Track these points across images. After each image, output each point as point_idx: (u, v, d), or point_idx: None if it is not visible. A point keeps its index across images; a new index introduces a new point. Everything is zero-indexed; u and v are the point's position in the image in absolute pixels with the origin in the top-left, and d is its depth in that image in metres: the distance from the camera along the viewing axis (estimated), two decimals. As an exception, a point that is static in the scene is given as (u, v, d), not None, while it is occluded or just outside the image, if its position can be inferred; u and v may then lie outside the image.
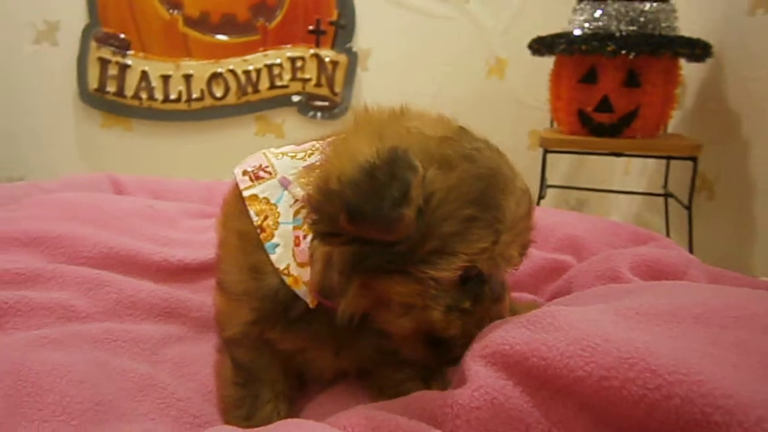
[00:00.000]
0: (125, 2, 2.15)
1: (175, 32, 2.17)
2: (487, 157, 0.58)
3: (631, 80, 1.52)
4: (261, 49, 2.20)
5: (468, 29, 2.24)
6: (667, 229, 1.82)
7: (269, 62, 2.19)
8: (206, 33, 2.19)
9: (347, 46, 2.22)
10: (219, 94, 2.17)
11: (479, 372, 0.53)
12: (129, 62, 2.14)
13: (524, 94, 2.22)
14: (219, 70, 2.17)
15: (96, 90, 2.14)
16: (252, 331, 0.66)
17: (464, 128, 0.61)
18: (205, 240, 1.09)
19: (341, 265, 0.57)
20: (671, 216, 1.84)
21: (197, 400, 0.71)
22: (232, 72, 2.18)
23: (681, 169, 1.67)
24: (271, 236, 0.63)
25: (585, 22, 1.56)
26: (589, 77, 1.56)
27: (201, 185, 1.49)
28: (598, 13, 1.54)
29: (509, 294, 0.64)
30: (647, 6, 1.51)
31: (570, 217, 1.27)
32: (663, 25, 1.51)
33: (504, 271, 0.61)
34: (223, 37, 2.19)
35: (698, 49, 1.47)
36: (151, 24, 2.16)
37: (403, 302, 0.57)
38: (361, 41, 2.25)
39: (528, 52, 1.70)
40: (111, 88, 2.14)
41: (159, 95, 2.16)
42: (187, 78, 2.16)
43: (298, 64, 2.20)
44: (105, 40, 2.14)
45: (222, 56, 2.18)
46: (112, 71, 2.13)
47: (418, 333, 0.59)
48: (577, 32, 1.55)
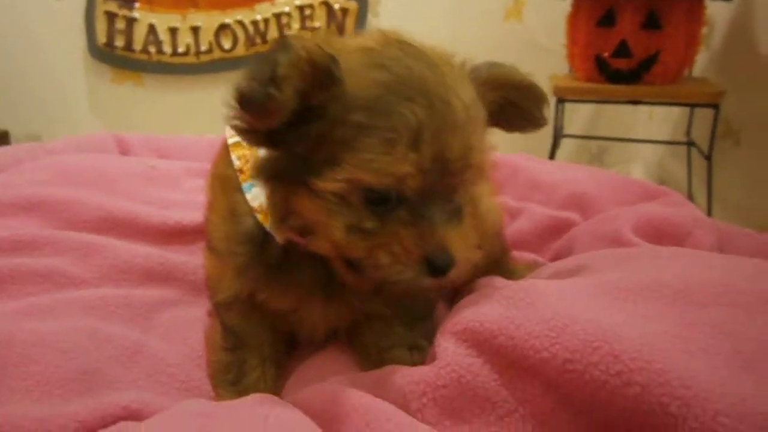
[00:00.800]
0: (130, -47, 2.11)
1: (180, -18, 2.12)
2: (404, 66, 0.51)
3: (651, 22, 1.43)
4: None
5: (484, -32, 2.14)
6: (689, 179, 1.76)
7: (277, 11, 2.13)
8: (211, -17, 2.13)
9: (357, -8, 2.15)
10: (227, 45, 2.13)
11: (448, 349, 0.53)
12: (136, 15, 2.11)
13: (543, 38, 2.12)
14: (227, 21, 2.13)
15: (105, 44, 2.13)
16: (241, 293, 0.66)
17: (405, 42, 0.55)
18: (203, 200, 1.10)
19: (265, 177, 0.56)
20: (694, 166, 1.77)
21: (188, 365, 0.72)
22: (240, 23, 2.12)
23: (705, 115, 1.59)
24: (249, 177, 0.62)
25: (604, -41, 1.46)
26: (607, 20, 1.48)
27: (206, 142, 1.48)
28: (618, -50, 1.44)
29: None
30: (671, -60, 1.40)
31: (578, 173, 1.22)
32: (687, -40, 1.41)
33: (438, 196, 0.53)
34: (232, -12, 2.13)
35: (725, -13, 1.37)
36: (156, -26, 2.12)
37: (312, 220, 0.55)
38: (371, -15, 2.17)
39: (546, -8, 1.61)
40: (119, 42, 2.12)
41: (167, 48, 2.14)
42: (195, 30, 2.12)
43: (307, 12, 2.13)
44: (112, -7, 2.11)
45: (229, 6, 2.13)
46: (120, 25, 2.11)
47: (338, 257, 0.56)
48: (595, -29, 1.46)
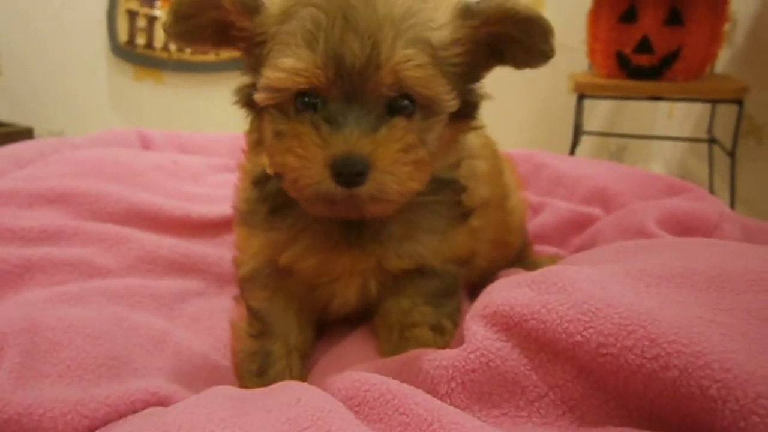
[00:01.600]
0: (151, -49, 2.13)
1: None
2: None
3: (674, 18, 1.42)
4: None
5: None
6: (711, 177, 1.73)
7: (296, 9, 2.14)
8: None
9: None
10: (247, 43, 2.14)
11: (477, 333, 0.52)
12: (157, 13, 2.14)
13: (562, 35, 2.09)
14: (247, 19, 2.13)
15: (126, 43, 2.15)
16: (264, 259, 0.66)
17: None
18: (227, 194, 1.10)
19: (242, 103, 0.61)
20: (715, 163, 1.74)
21: (212, 355, 0.73)
22: (259, 21, 2.13)
23: (727, 113, 1.57)
24: None
25: (625, -45, 1.45)
26: (628, 16, 1.47)
27: (227, 138, 1.49)
28: (640, -55, 1.43)
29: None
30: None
31: (600, 168, 1.22)
32: (711, -45, 1.39)
33: (357, 102, 0.53)
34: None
35: (749, -19, 1.36)
36: (177, -28, 2.13)
37: (265, 136, 0.59)
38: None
39: (566, -12, 1.60)
40: (140, 40, 2.15)
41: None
42: (215, 28, 2.13)
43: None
44: (132, -9, 2.14)
45: None
46: (141, 23, 2.13)
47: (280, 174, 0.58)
48: (616, -33, 1.45)
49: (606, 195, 1.11)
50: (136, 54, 2.18)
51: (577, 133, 1.66)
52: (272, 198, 0.64)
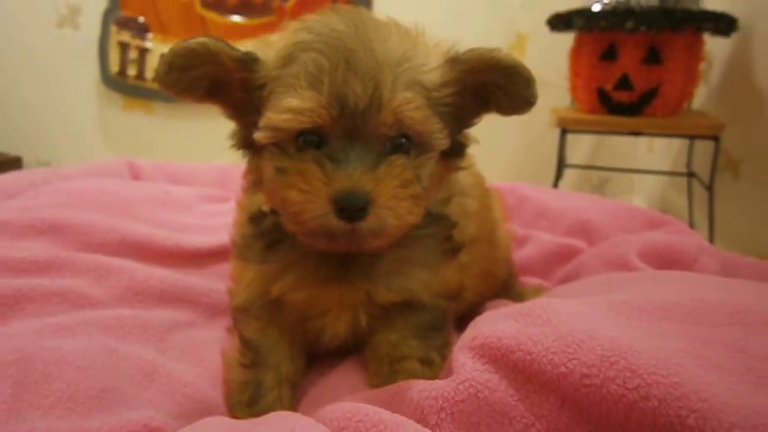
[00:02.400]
0: (144, -15, 2.18)
1: (192, 14, 2.19)
2: (326, 27, 0.57)
3: (652, 57, 1.48)
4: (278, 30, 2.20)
5: (487, 4, 2.20)
6: (690, 210, 1.78)
7: (285, 42, 2.19)
8: (223, 14, 2.20)
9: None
10: (237, 75, 2.18)
11: (466, 364, 0.54)
12: (148, 45, 2.17)
13: (545, 71, 2.16)
14: (237, 52, 2.18)
15: (117, 74, 2.18)
16: (257, 290, 0.68)
17: (358, 12, 0.61)
18: (217, 225, 1.11)
19: (239, 146, 0.64)
20: (694, 196, 1.79)
21: (203, 385, 0.73)
22: (249, 54, 2.18)
23: (706, 148, 1.62)
24: None
25: (605, -4, 1.52)
26: (609, 54, 1.52)
27: (215, 168, 1.51)
28: (618, -12, 1.49)
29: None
30: (669, -21, 1.46)
31: (583, 201, 1.25)
32: (685, -2, 1.46)
33: (357, 141, 0.55)
34: (240, 18, 2.20)
35: (722, 24, 1.42)
36: (169, 6, 2.18)
37: (264, 176, 0.61)
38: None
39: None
40: (131, 71, 2.18)
41: (178, 78, 2.19)
42: (206, 61, 2.17)
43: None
44: (125, 24, 2.17)
45: (239, 37, 2.18)
46: (133, 55, 2.17)
47: (280, 210, 0.59)
48: (596, 7, 1.50)
49: (589, 227, 1.14)
50: (126, 84, 2.20)
51: (561, 166, 1.70)
52: (268, 234, 0.66)
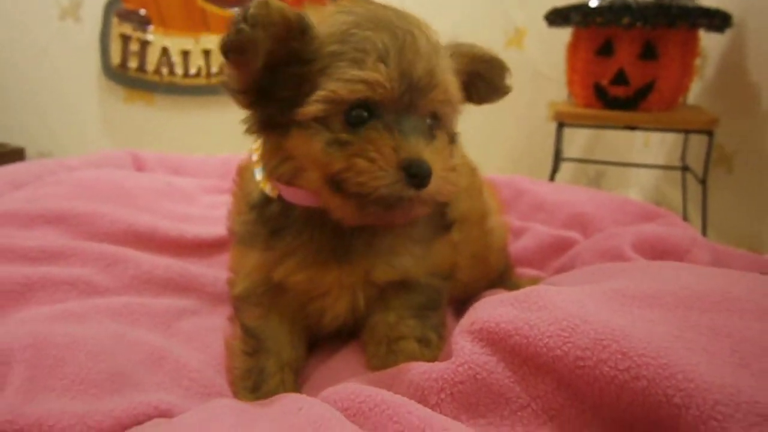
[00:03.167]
0: (145, -22, 2.19)
1: (193, 7, 2.19)
2: (368, 10, 0.61)
3: (648, 53, 1.50)
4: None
5: (485, -2, 2.21)
6: (684, 203, 1.80)
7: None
8: (224, 6, 2.21)
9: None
10: (237, 68, 2.20)
11: (465, 347, 0.56)
12: (150, 38, 2.18)
13: (543, 65, 2.19)
14: (237, 45, 2.19)
15: (118, 66, 2.19)
16: (258, 277, 0.70)
17: (375, 2, 0.64)
18: (220, 216, 1.13)
19: (257, 128, 0.65)
20: (689, 190, 1.82)
21: (208, 371, 0.75)
22: (250, 46, 2.19)
23: (699, 142, 1.65)
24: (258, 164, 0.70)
25: (602, -8, 1.53)
26: (605, 50, 1.54)
27: (218, 160, 1.53)
28: (615, -16, 1.51)
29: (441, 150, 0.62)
30: (664, -24, 1.47)
31: (580, 194, 1.27)
32: (681, -5, 1.48)
33: (411, 114, 0.59)
34: (241, 11, 2.21)
35: (717, 20, 1.44)
36: (170, -1, 2.19)
37: (298, 153, 0.62)
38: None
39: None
40: (133, 63, 2.19)
41: (179, 70, 2.21)
42: (207, 53, 2.19)
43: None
44: (126, 16, 2.18)
45: (240, 30, 2.20)
46: (134, 47, 2.18)
47: (324, 183, 0.61)
48: (593, 3, 1.52)
49: (585, 220, 1.17)
50: (127, 77, 2.22)
51: (558, 159, 1.72)
52: (273, 220, 0.68)
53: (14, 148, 2.05)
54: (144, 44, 2.19)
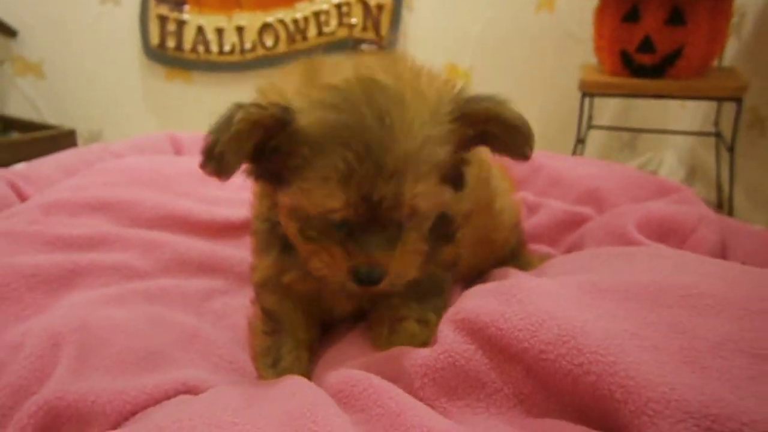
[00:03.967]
0: (180, -42, 2.24)
1: (226, -15, 2.24)
2: (354, 111, 0.58)
3: (675, 18, 1.46)
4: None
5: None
6: (718, 170, 1.77)
7: (316, 9, 2.24)
8: (254, -16, 2.24)
9: (393, -13, 2.22)
10: (270, 43, 2.26)
11: (448, 336, 0.62)
12: (186, 18, 2.25)
13: (575, 28, 2.14)
14: (269, 21, 2.25)
15: (157, 46, 2.28)
16: (272, 272, 0.77)
17: (375, 82, 0.60)
18: (247, 197, 1.21)
19: (253, 176, 0.67)
20: (722, 155, 1.78)
21: (234, 348, 0.83)
22: (282, 21, 2.24)
23: (733, 108, 1.60)
24: None
25: (630, -45, 1.49)
26: (632, 15, 1.51)
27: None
28: (644, -54, 1.47)
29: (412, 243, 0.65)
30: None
31: (596, 169, 1.28)
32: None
33: (374, 224, 0.61)
34: (275, -11, 2.24)
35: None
36: (203, -23, 2.24)
37: (282, 214, 0.67)
38: (406, -21, 2.23)
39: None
40: (171, 43, 2.27)
41: (214, 48, 2.28)
42: (240, 30, 2.25)
43: (344, 9, 2.23)
44: (163, -2, 2.25)
45: (271, 6, 2.24)
46: (171, 27, 2.26)
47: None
48: (620, -33, 1.49)
49: (599, 195, 1.18)
50: (166, 56, 2.31)
51: (586, 127, 1.72)
52: (283, 239, 0.73)
53: (66, 131, 2.18)
54: (180, 24, 2.26)
